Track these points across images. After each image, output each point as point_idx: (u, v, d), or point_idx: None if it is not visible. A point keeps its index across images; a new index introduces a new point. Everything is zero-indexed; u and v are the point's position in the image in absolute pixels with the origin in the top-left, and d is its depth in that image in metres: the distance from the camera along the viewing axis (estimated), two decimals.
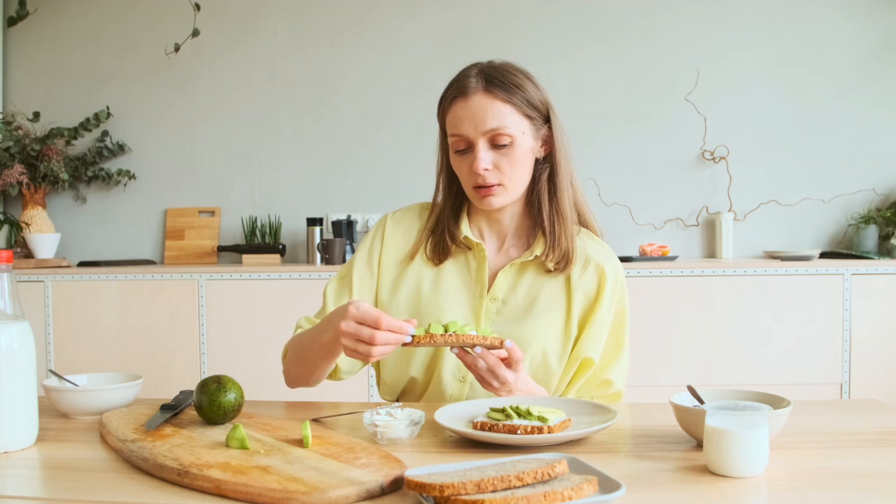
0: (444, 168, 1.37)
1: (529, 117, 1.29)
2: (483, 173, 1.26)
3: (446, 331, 1.10)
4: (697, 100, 3.05)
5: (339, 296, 1.39)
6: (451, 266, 1.36)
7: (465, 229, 1.36)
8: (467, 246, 1.36)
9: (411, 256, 1.38)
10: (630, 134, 3.10)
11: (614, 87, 3.10)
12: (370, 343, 1.06)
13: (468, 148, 1.28)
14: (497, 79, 1.26)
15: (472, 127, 1.25)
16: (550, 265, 1.31)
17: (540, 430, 0.96)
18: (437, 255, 1.36)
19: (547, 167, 1.34)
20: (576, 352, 1.32)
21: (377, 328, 1.06)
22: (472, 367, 1.15)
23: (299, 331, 1.36)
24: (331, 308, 1.37)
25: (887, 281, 2.62)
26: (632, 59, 3.09)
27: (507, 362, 1.14)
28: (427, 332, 1.10)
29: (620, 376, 1.34)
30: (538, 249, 1.32)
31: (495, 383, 1.15)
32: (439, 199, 1.40)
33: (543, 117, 1.32)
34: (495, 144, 1.26)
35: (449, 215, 1.36)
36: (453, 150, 1.30)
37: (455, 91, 1.28)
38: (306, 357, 1.26)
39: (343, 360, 1.34)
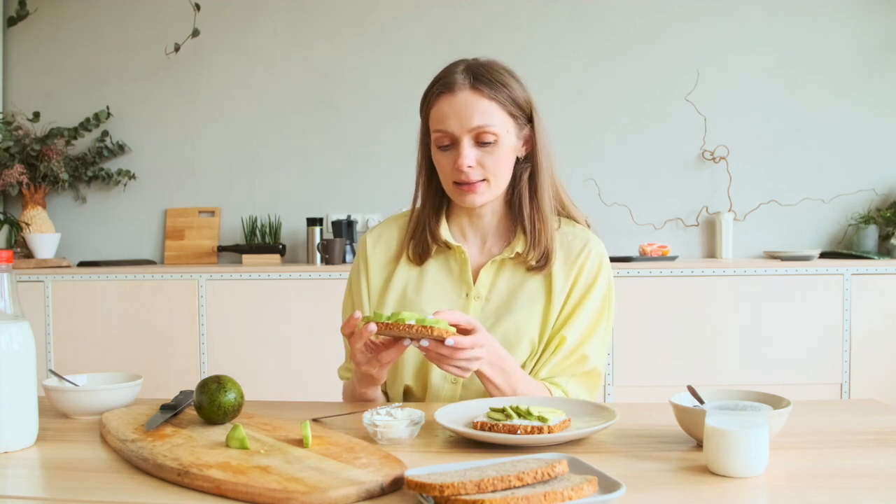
0: (424, 165, 1.37)
1: (513, 116, 1.29)
2: (467, 170, 1.26)
3: (388, 319, 1.10)
4: (697, 100, 3.04)
5: None
6: (433, 266, 1.37)
7: (445, 232, 1.36)
8: (448, 247, 1.36)
9: (396, 261, 1.39)
10: (630, 134, 3.10)
11: (614, 88, 3.10)
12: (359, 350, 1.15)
13: (451, 144, 1.28)
14: (484, 76, 1.27)
15: (457, 123, 1.25)
16: (532, 262, 1.32)
17: (540, 430, 0.96)
18: (419, 256, 1.37)
19: (528, 167, 1.35)
20: (552, 330, 1.32)
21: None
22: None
23: (345, 380, 1.44)
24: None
25: (887, 281, 2.62)
26: (632, 59, 3.09)
27: (464, 333, 1.13)
28: (369, 319, 1.10)
29: (597, 351, 1.33)
30: (518, 246, 1.33)
31: (452, 369, 1.13)
32: (419, 196, 1.40)
33: (526, 117, 1.32)
34: (480, 142, 1.26)
35: (430, 214, 1.37)
36: (436, 146, 1.29)
37: (441, 87, 1.28)
38: (356, 392, 1.33)
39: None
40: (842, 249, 2.98)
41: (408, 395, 1.38)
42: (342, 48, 3.20)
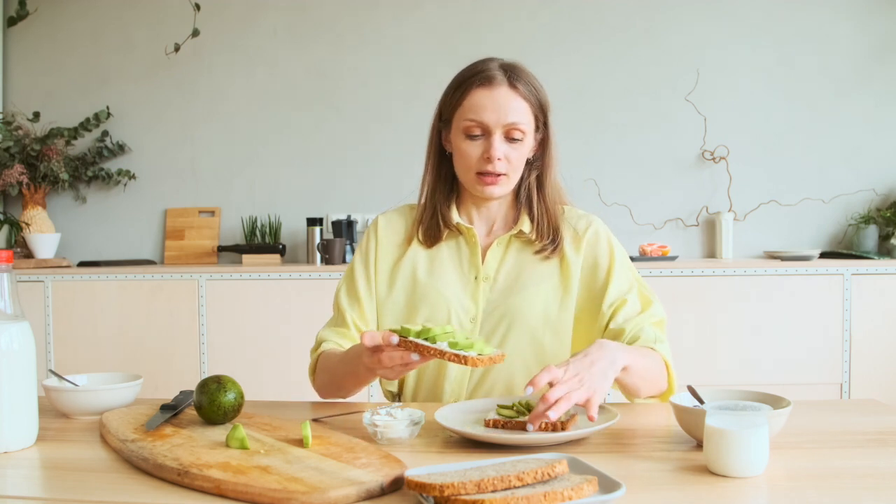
0: (435, 152, 1.41)
1: (536, 118, 1.35)
2: (496, 162, 1.31)
3: (417, 335, 1.03)
4: (697, 100, 3.04)
5: (351, 306, 1.41)
6: (444, 250, 1.40)
7: (456, 216, 1.40)
8: (459, 230, 1.40)
9: (408, 242, 1.42)
10: (630, 134, 3.10)
11: (614, 88, 3.10)
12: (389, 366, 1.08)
13: (481, 135, 1.32)
14: (521, 77, 1.33)
15: (493, 116, 1.30)
16: (539, 245, 1.37)
17: (554, 428, 0.97)
18: (430, 239, 1.40)
19: (537, 167, 1.40)
20: (606, 301, 1.33)
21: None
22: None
23: (325, 346, 1.38)
24: (348, 315, 1.40)
25: (887, 281, 2.62)
26: (632, 59, 3.09)
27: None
28: (399, 334, 1.04)
29: (658, 305, 1.37)
30: (524, 226, 1.37)
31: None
32: (427, 182, 1.43)
33: (543, 120, 1.38)
34: (509, 137, 1.31)
35: (441, 200, 1.40)
36: (465, 135, 1.33)
37: (480, 79, 1.32)
38: (343, 383, 1.31)
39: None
40: (842, 249, 2.98)
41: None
42: (342, 48, 3.20)
